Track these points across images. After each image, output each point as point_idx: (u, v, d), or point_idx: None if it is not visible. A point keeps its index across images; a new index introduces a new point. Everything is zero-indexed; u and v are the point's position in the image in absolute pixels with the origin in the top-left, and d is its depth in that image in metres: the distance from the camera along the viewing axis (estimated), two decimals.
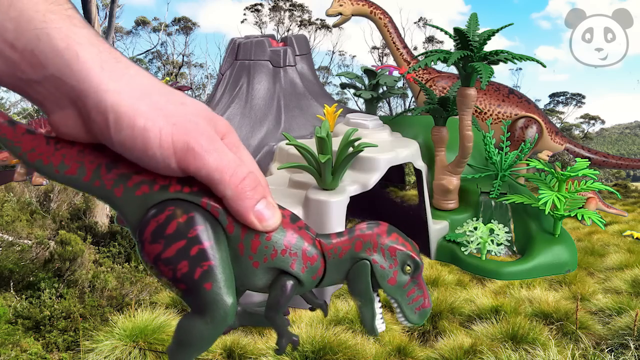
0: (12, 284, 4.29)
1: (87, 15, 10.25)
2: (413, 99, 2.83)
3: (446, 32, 1.43)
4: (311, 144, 1.25)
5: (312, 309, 0.58)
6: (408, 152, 1.43)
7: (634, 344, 3.02)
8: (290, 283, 0.48)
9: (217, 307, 0.44)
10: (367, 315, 0.51)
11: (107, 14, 11.46)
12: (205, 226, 0.44)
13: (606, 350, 3.03)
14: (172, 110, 0.41)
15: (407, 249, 0.51)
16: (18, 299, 4.07)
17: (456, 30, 1.38)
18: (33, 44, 0.37)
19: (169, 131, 0.40)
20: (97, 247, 5.81)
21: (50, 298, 4.03)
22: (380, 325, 0.52)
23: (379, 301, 0.52)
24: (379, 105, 2.49)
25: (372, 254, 0.50)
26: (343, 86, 2.43)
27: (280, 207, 0.48)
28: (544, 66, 1.55)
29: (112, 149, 0.42)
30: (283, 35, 2.57)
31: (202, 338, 0.45)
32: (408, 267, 0.50)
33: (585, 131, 16.34)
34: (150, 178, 0.44)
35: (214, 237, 0.45)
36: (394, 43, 4.16)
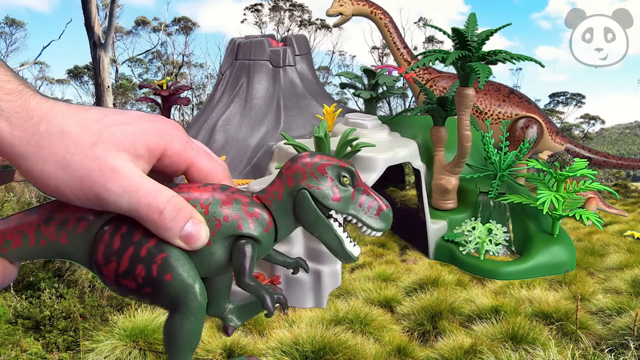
0: (12, 284, 4.31)
1: (87, 15, 10.25)
2: (413, 99, 2.83)
3: (445, 32, 1.43)
4: (310, 144, 1.25)
5: (294, 272, 0.58)
6: (406, 151, 1.43)
7: (634, 344, 3.02)
8: (246, 244, 0.48)
9: (185, 293, 0.44)
10: (334, 243, 0.50)
11: (107, 14, 11.47)
12: (144, 228, 0.45)
13: (606, 350, 3.03)
14: (80, 160, 0.41)
15: (335, 161, 0.50)
16: (18, 299, 4.09)
17: (454, 30, 1.39)
18: None
19: (78, 187, 0.41)
20: None
21: (50, 298, 4.04)
22: (353, 248, 0.51)
23: (340, 226, 0.51)
24: (378, 105, 2.50)
25: (306, 181, 0.49)
26: (342, 86, 2.43)
27: (208, 184, 0.49)
28: (543, 66, 1.55)
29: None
30: (283, 35, 2.57)
31: (187, 333, 0.46)
32: (345, 178, 0.50)
33: (585, 131, 16.34)
34: (84, 212, 0.46)
35: None
36: (394, 43, 4.15)
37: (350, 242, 0.51)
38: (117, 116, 0.45)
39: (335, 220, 0.50)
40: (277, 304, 0.51)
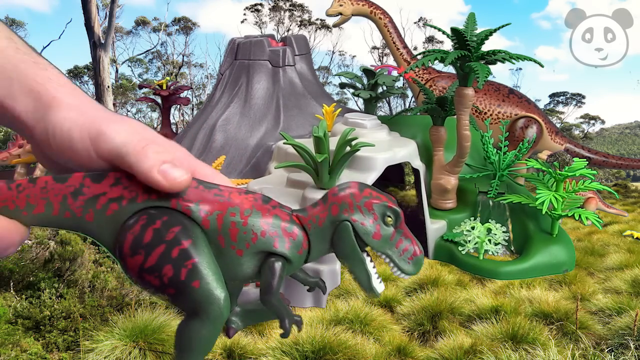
0: (12, 284, 4.30)
1: (87, 15, 10.25)
2: (413, 99, 2.83)
3: (444, 32, 1.43)
4: (310, 144, 1.25)
5: (310, 290, 0.59)
6: (406, 151, 1.43)
7: (634, 344, 3.02)
8: (277, 263, 0.48)
9: (209, 303, 0.44)
10: (363, 278, 0.51)
11: (107, 14, 11.47)
12: (181, 226, 0.45)
13: (606, 350, 3.03)
14: (97, 113, 0.47)
15: (383, 200, 0.50)
16: (18, 299, 4.08)
17: (453, 30, 1.39)
18: (6, 90, 0.46)
19: (87, 126, 0.45)
20: (97, 247, 5.82)
21: (50, 298, 4.03)
22: (378, 285, 0.51)
23: (371, 261, 0.51)
24: (378, 105, 2.50)
25: (350, 213, 0.49)
26: (342, 86, 2.43)
27: (250, 191, 0.49)
28: (542, 66, 1.55)
29: (52, 158, 0.47)
30: (283, 35, 2.58)
31: (202, 339, 0.45)
32: (389, 218, 0.50)
33: (585, 131, 16.33)
34: (117, 195, 0.45)
35: (192, 234, 0.45)
36: (394, 43, 4.15)
37: (377, 278, 0.51)
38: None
39: (368, 254, 0.51)
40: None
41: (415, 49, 13.94)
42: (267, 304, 0.49)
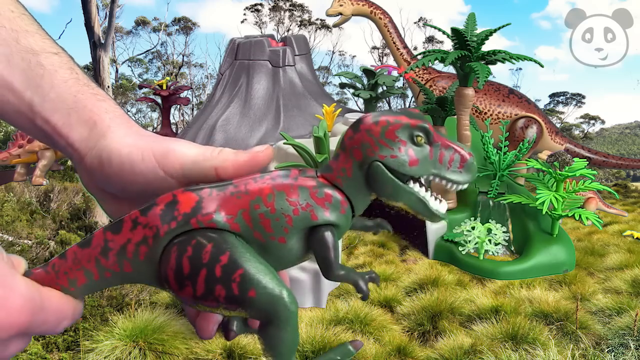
0: None
1: (87, 15, 10.25)
2: (413, 99, 2.83)
3: (444, 32, 1.43)
4: (310, 144, 1.25)
5: (375, 233, 0.55)
6: None
7: (634, 344, 3.02)
8: (325, 233, 0.45)
9: (275, 306, 0.42)
10: (419, 207, 0.46)
11: (107, 14, 11.47)
12: (212, 244, 0.43)
13: (606, 350, 3.02)
14: (155, 137, 0.49)
15: (404, 121, 0.45)
16: None
17: (454, 30, 1.39)
18: (64, 119, 0.48)
19: (150, 146, 0.47)
20: None
21: None
22: (438, 206, 0.47)
23: (421, 185, 0.46)
24: (378, 105, 2.51)
25: (376, 152, 0.44)
26: (342, 86, 2.43)
27: (264, 173, 0.47)
28: (542, 66, 1.55)
29: (102, 184, 0.49)
30: (283, 36, 2.58)
31: (285, 341, 0.43)
32: (419, 137, 0.45)
33: (585, 131, 16.34)
34: (141, 237, 0.44)
35: (226, 246, 0.43)
36: (394, 43, 4.15)
37: (435, 199, 0.47)
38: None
39: (416, 180, 0.46)
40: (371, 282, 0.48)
41: (415, 49, 13.94)
42: (336, 279, 0.45)
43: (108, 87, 10.63)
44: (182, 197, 0.45)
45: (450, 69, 3.00)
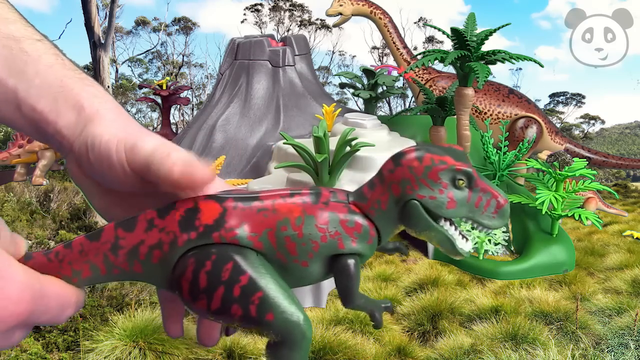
0: None
1: (87, 16, 10.26)
2: (413, 99, 2.84)
3: (444, 32, 1.43)
4: (310, 144, 1.25)
5: (390, 253, 0.55)
6: None
7: (634, 344, 3.02)
8: (349, 262, 0.44)
9: (290, 330, 0.41)
10: (446, 246, 0.46)
11: (107, 14, 11.48)
12: (232, 262, 0.42)
13: (606, 350, 3.03)
14: (138, 129, 0.47)
15: (450, 164, 0.44)
16: None
17: (453, 30, 1.39)
18: (51, 105, 0.46)
19: (124, 139, 0.45)
20: None
21: None
22: (465, 245, 0.47)
23: (451, 224, 0.46)
24: (378, 105, 2.51)
25: (415, 190, 0.44)
26: (342, 86, 2.43)
27: (294, 192, 0.45)
28: (542, 66, 1.55)
29: (88, 173, 0.46)
30: (283, 36, 2.58)
31: None
32: (461, 181, 0.44)
33: (585, 131, 16.35)
34: (155, 241, 0.43)
35: (248, 265, 0.42)
36: (394, 43, 4.15)
37: (462, 238, 0.47)
38: None
39: (447, 219, 0.46)
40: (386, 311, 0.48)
41: (415, 49, 13.94)
42: (351, 308, 0.46)
43: (108, 87, 10.63)
44: (204, 205, 0.43)
45: (450, 69, 3.01)
